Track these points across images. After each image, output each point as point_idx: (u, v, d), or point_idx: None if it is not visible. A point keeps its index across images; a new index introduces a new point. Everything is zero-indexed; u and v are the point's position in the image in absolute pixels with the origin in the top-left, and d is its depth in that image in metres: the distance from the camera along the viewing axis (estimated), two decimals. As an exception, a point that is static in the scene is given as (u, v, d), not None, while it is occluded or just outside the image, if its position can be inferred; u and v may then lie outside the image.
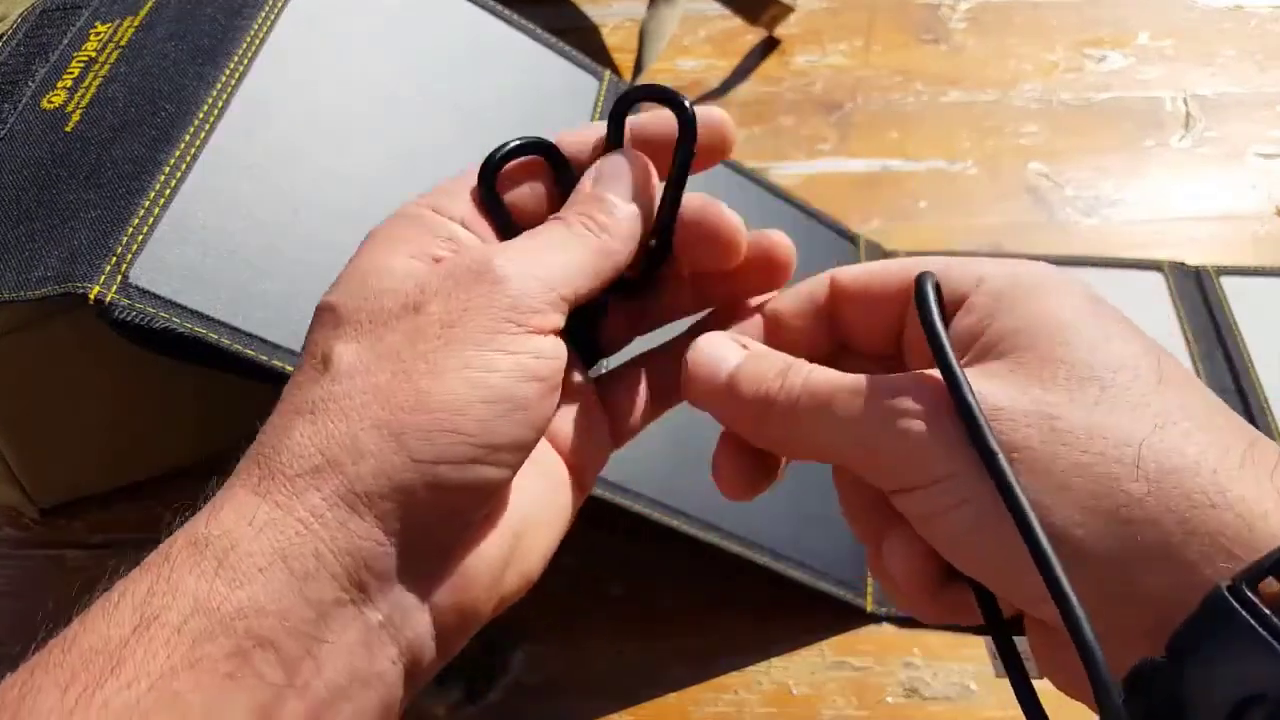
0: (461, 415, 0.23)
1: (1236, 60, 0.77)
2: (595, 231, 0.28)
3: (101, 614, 0.22)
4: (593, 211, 0.28)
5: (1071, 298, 0.25)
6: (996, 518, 0.22)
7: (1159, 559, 0.21)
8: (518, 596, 0.27)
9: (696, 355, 0.29)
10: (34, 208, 0.40)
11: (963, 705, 0.48)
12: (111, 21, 0.47)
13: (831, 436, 0.25)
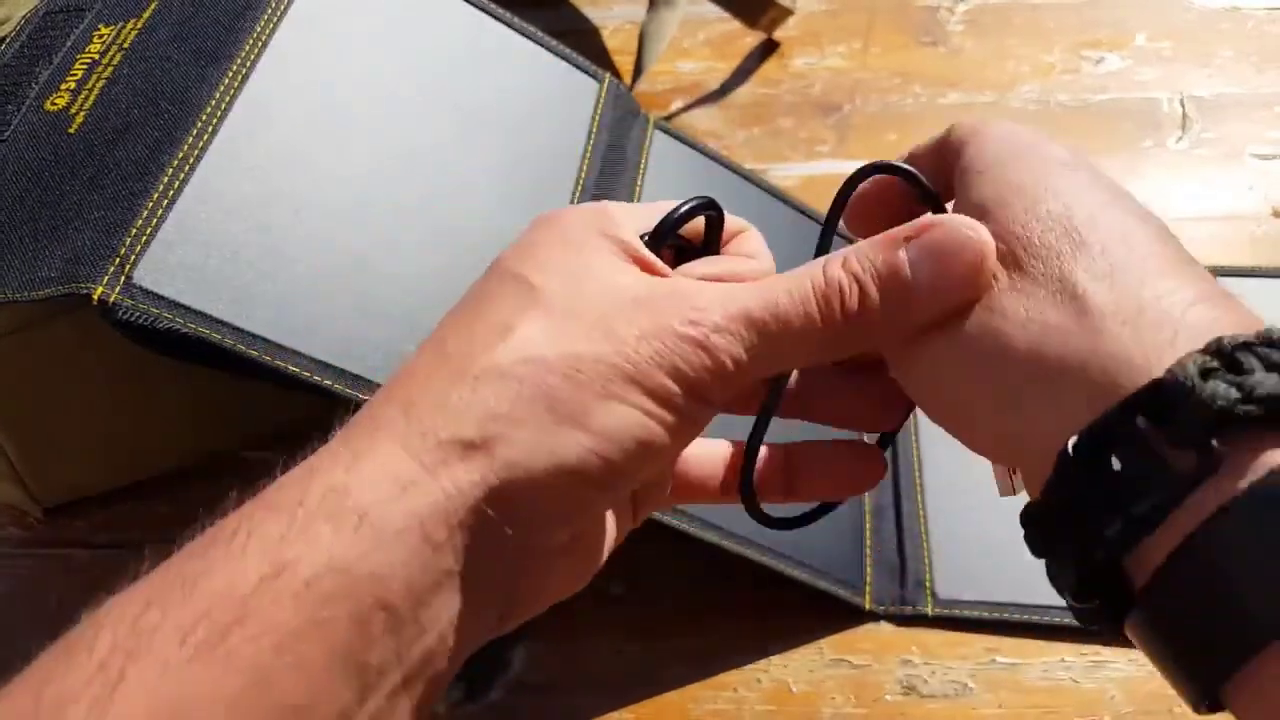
0: (614, 444, 0.24)
1: (1234, 61, 0.78)
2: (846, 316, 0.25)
3: (225, 553, 0.21)
4: (868, 284, 0.25)
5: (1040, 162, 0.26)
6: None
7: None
8: (571, 593, 0.29)
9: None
10: (38, 209, 0.41)
11: (961, 703, 0.48)
12: (115, 24, 0.48)
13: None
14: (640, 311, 0.25)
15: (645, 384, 0.24)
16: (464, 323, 0.26)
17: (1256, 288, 0.62)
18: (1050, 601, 0.51)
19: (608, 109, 0.59)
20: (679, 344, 0.24)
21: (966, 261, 0.25)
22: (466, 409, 0.23)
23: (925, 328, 0.26)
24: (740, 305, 0.25)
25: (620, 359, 0.24)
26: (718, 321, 0.25)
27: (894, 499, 0.55)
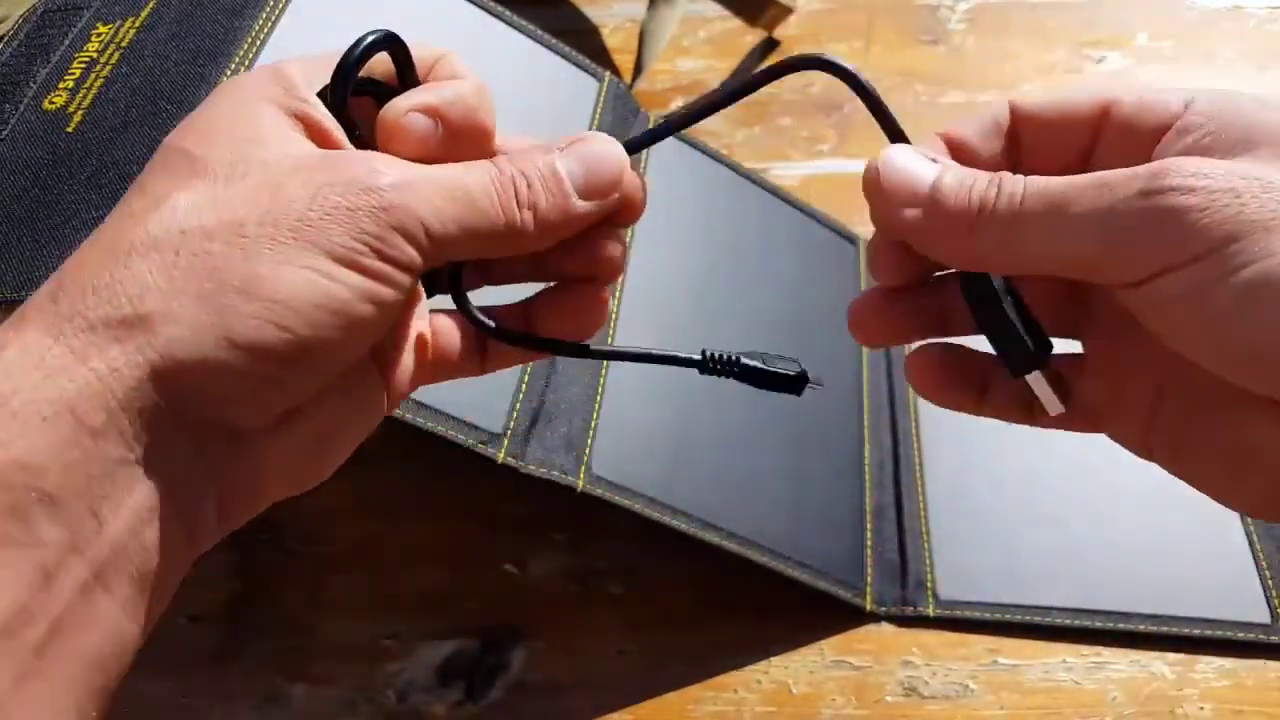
0: (291, 312, 0.22)
1: (1235, 61, 0.77)
2: (519, 207, 0.26)
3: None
4: (535, 183, 0.26)
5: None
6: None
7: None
8: (307, 486, 0.26)
9: (890, 165, 0.27)
10: (35, 208, 0.41)
11: (961, 704, 0.48)
12: (113, 23, 0.47)
13: (1066, 237, 0.24)
14: (315, 172, 0.23)
15: (323, 245, 0.22)
16: (122, 201, 0.24)
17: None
18: (1051, 603, 0.51)
19: (608, 108, 0.58)
20: (359, 199, 0.23)
21: (610, 167, 0.27)
22: (118, 286, 0.22)
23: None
24: (422, 172, 0.25)
25: (290, 218, 0.23)
26: (398, 179, 0.24)
27: (895, 499, 0.55)
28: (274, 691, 0.50)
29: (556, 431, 0.47)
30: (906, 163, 0.27)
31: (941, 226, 0.26)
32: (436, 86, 0.27)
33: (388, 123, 0.26)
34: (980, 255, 0.26)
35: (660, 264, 0.55)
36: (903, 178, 0.26)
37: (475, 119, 0.27)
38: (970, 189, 0.25)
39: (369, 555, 0.55)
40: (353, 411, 0.27)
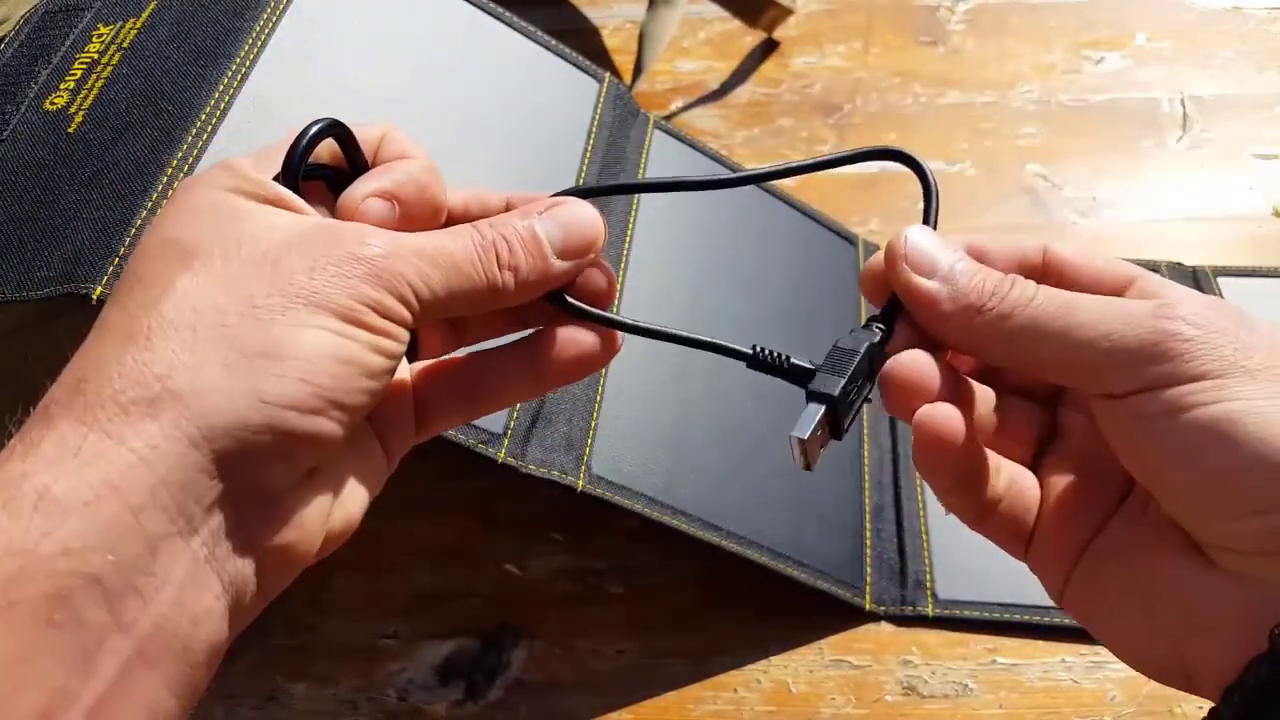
0: (314, 367, 0.23)
1: (1234, 61, 0.78)
2: (501, 267, 0.27)
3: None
4: (515, 245, 0.28)
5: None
6: (1260, 420, 0.24)
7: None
8: (339, 541, 0.27)
9: (914, 240, 0.28)
10: (36, 208, 0.41)
11: (961, 703, 0.48)
12: (114, 23, 0.48)
13: (1066, 337, 0.26)
14: (306, 244, 0.25)
15: (330, 307, 0.24)
16: (121, 294, 0.25)
17: (1256, 288, 0.62)
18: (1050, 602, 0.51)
19: (608, 109, 0.59)
20: (354, 267, 0.24)
21: (586, 230, 0.29)
22: (144, 368, 0.22)
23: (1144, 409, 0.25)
24: (408, 240, 0.26)
25: (296, 288, 0.24)
26: (388, 248, 0.25)
27: (894, 500, 0.55)
28: (275, 691, 0.51)
29: (557, 432, 0.48)
30: (931, 241, 0.29)
31: (951, 301, 0.27)
32: (389, 169, 0.28)
33: (347, 210, 0.27)
34: (981, 338, 0.27)
35: (660, 264, 0.55)
36: (924, 251, 0.28)
37: (428, 196, 0.29)
38: (985, 278, 0.28)
39: (370, 555, 0.55)
40: (362, 472, 0.28)
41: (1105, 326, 0.26)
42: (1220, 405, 0.24)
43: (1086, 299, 0.26)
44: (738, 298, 0.57)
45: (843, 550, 0.52)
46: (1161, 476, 0.26)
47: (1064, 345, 0.26)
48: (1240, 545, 0.24)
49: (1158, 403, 0.25)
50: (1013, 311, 0.27)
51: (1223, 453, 0.24)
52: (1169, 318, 0.25)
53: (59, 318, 0.47)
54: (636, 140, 0.59)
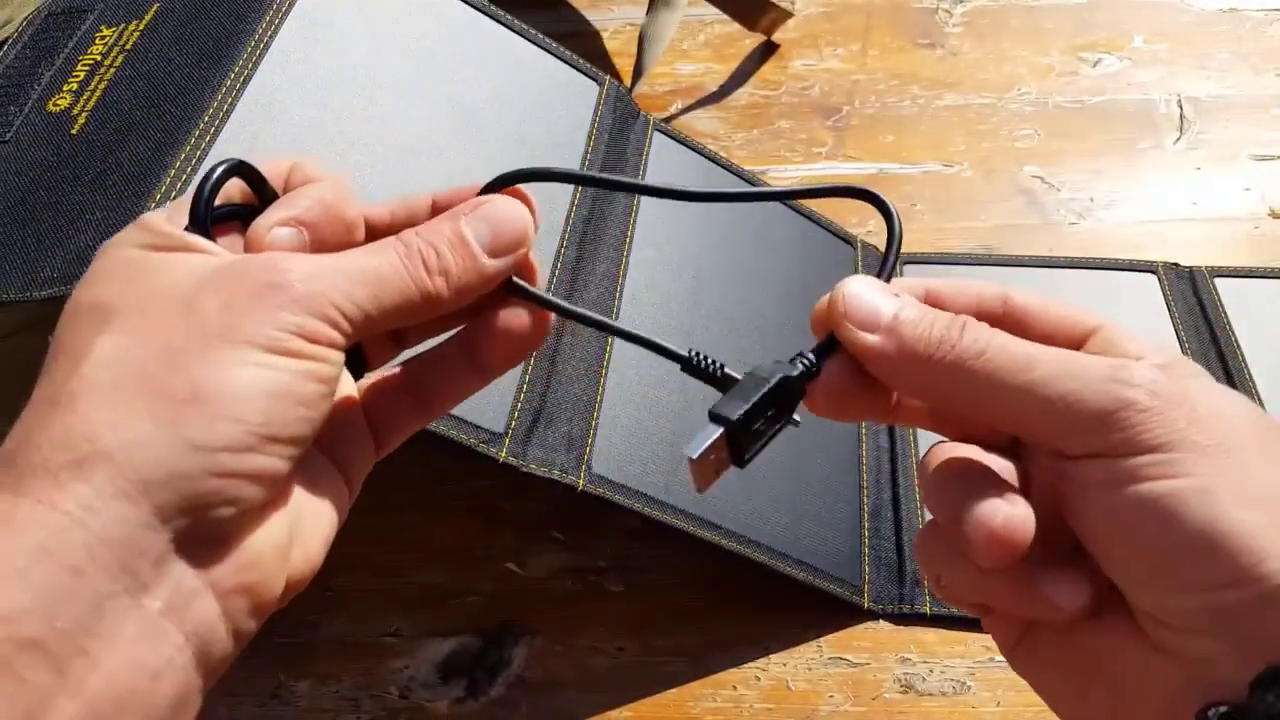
0: (242, 405, 0.23)
1: (1231, 63, 0.78)
2: (430, 273, 0.27)
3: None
4: (443, 249, 0.27)
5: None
6: (1204, 499, 0.23)
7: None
8: (304, 583, 0.27)
9: (852, 292, 0.28)
10: (40, 209, 0.41)
11: (959, 701, 0.48)
12: (117, 25, 0.48)
13: (1021, 393, 0.25)
14: (218, 282, 0.24)
15: (252, 340, 0.23)
16: (48, 366, 0.24)
17: (1253, 288, 0.63)
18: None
19: (607, 111, 0.59)
20: (270, 295, 0.24)
21: (514, 225, 0.28)
22: (70, 432, 0.22)
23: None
24: (327, 260, 0.26)
25: (214, 326, 0.24)
26: (305, 271, 0.25)
27: (892, 498, 0.55)
28: (278, 688, 0.51)
29: (557, 431, 0.48)
30: (867, 290, 0.28)
31: (898, 354, 0.27)
32: (293, 197, 0.28)
33: (254, 242, 0.27)
34: (930, 388, 0.27)
35: (659, 265, 0.56)
36: (865, 304, 0.27)
37: (335, 215, 0.28)
38: (932, 324, 0.27)
39: (372, 553, 0.56)
40: (318, 506, 0.27)
41: (1061, 386, 0.25)
42: (1166, 482, 0.24)
43: (1043, 353, 0.26)
44: (736, 299, 0.58)
45: (841, 549, 0.53)
46: (1103, 542, 0.25)
47: (1018, 400, 0.25)
48: (1173, 620, 0.24)
49: (1107, 471, 0.25)
50: (963, 361, 0.26)
51: (1163, 529, 0.24)
52: (1126, 384, 0.25)
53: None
54: (636, 142, 0.59)
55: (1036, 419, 0.25)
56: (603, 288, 0.53)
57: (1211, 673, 0.24)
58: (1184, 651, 0.24)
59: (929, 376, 0.26)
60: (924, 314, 0.27)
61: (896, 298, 0.28)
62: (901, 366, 0.27)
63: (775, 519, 0.51)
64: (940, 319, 0.27)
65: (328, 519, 0.28)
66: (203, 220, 0.27)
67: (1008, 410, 0.26)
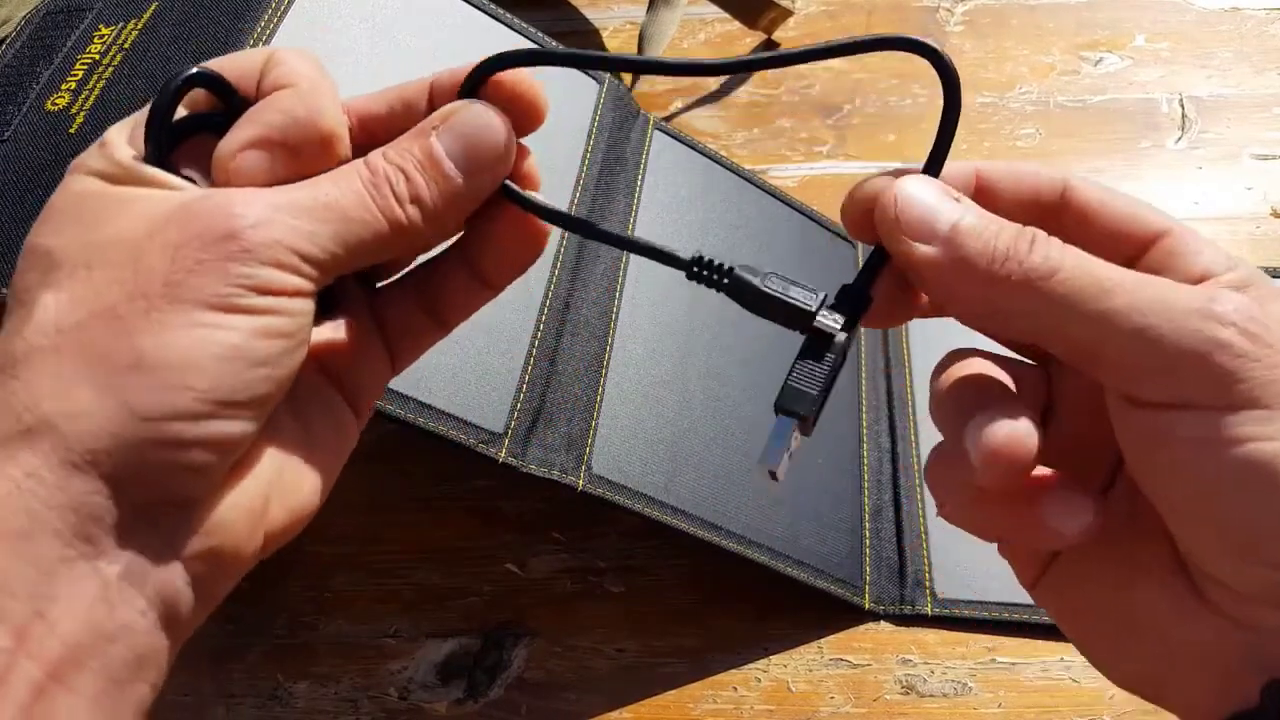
0: (191, 370, 0.22)
1: (1233, 62, 0.78)
2: (400, 202, 0.25)
3: None
4: (414, 173, 0.25)
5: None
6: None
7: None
8: (291, 533, 0.25)
9: (907, 195, 0.24)
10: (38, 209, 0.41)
11: (960, 702, 0.48)
12: (115, 24, 0.48)
13: (1096, 323, 0.22)
14: (166, 233, 0.23)
15: (198, 300, 0.22)
16: (4, 319, 0.23)
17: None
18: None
19: (607, 109, 0.59)
20: (220, 247, 0.22)
21: (491, 136, 0.25)
22: (12, 400, 0.21)
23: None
24: (286, 197, 0.24)
25: (157, 285, 0.22)
26: (258, 215, 0.23)
27: (893, 499, 0.55)
28: (276, 689, 0.51)
29: (557, 431, 0.48)
30: (928, 194, 0.24)
31: (959, 270, 0.24)
32: (261, 110, 0.25)
33: (220, 168, 0.25)
34: (992, 308, 0.24)
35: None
36: (921, 210, 0.24)
37: (313, 128, 0.25)
38: (997, 234, 0.23)
39: (370, 554, 0.55)
40: (308, 448, 0.26)
41: (1142, 318, 0.22)
42: (1263, 445, 0.21)
43: (1124, 277, 0.22)
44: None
45: (842, 549, 0.52)
46: (1177, 502, 0.23)
47: (1091, 331, 0.22)
48: (1246, 589, 0.22)
49: (1191, 425, 0.22)
50: (1030, 280, 0.23)
51: (1256, 499, 0.21)
52: (1220, 322, 0.21)
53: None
54: (636, 141, 0.59)
55: (1111, 355, 0.22)
56: (602, 287, 0.53)
57: (1273, 648, 0.22)
58: (1251, 621, 0.22)
59: (991, 296, 0.23)
60: (988, 224, 0.24)
61: (957, 202, 0.24)
62: (961, 283, 0.24)
63: (775, 520, 0.51)
64: (1007, 230, 0.23)
65: (321, 460, 0.26)
66: (158, 144, 0.24)
67: (1078, 342, 0.23)
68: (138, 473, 0.22)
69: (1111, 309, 0.22)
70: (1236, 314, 0.21)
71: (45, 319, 0.22)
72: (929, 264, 0.24)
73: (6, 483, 0.21)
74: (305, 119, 0.25)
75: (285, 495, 0.25)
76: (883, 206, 0.24)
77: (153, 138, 0.24)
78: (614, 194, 0.56)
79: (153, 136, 0.24)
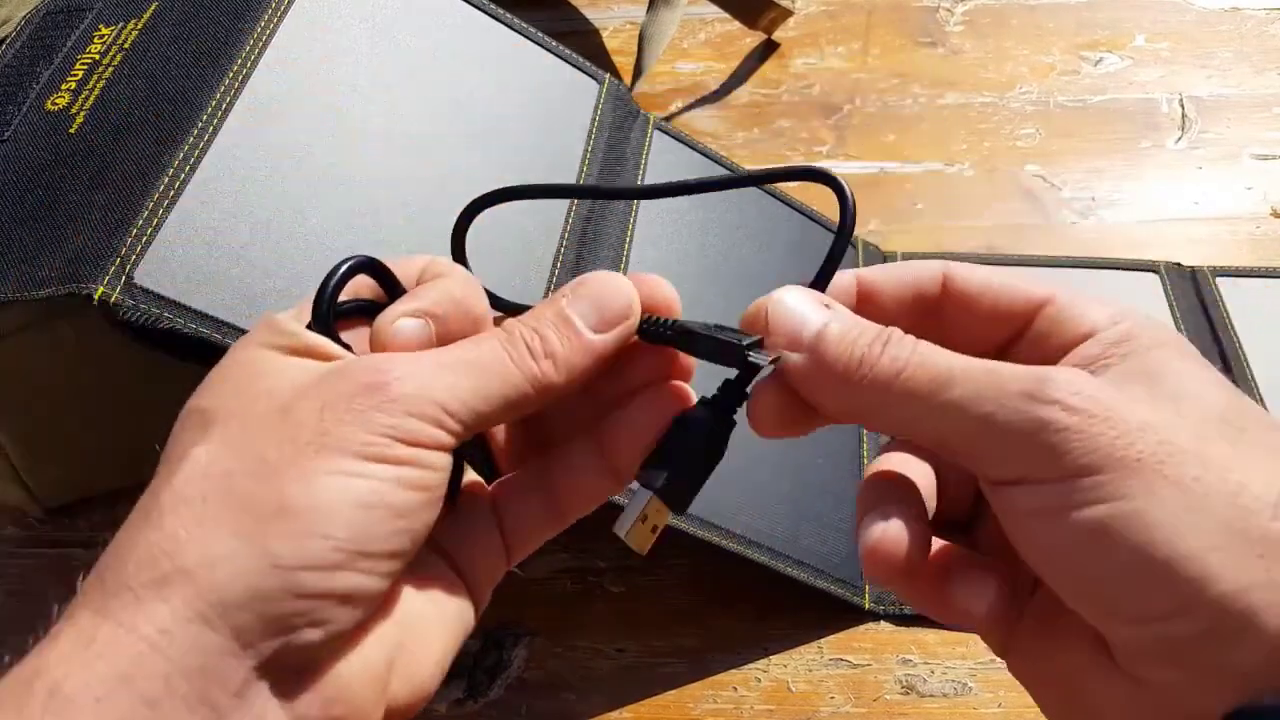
0: (330, 519, 0.22)
1: (1233, 62, 0.78)
2: (536, 358, 0.26)
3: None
4: (547, 332, 0.26)
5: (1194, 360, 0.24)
6: (1137, 524, 0.21)
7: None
8: (411, 711, 0.25)
9: (777, 307, 0.26)
10: (38, 209, 0.41)
11: (960, 702, 0.48)
12: (115, 24, 0.48)
13: (940, 415, 0.24)
14: (318, 387, 0.23)
15: (345, 447, 0.22)
16: (156, 475, 0.24)
17: (1254, 287, 0.62)
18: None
19: (607, 110, 0.59)
20: (367, 397, 0.23)
21: (617, 297, 0.27)
22: (154, 548, 0.21)
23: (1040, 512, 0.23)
24: (427, 355, 0.25)
25: (306, 434, 0.22)
26: (404, 369, 0.24)
27: (893, 499, 0.55)
28: (275, 690, 0.51)
29: (557, 431, 0.48)
30: (797, 304, 0.26)
31: (820, 375, 0.25)
32: (422, 290, 0.27)
33: (379, 333, 0.26)
34: (854, 410, 0.25)
35: (659, 266, 0.55)
36: (790, 320, 0.26)
37: (465, 309, 0.27)
38: (854, 341, 0.25)
39: (370, 554, 0.55)
40: (431, 622, 0.26)
41: (980, 406, 0.23)
42: (1092, 509, 0.22)
43: (963, 369, 0.24)
44: (737, 299, 0.57)
45: (842, 549, 0.52)
46: (1043, 571, 0.24)
47: (936, 424, 0.24)
48: (1130, 651, 0.23)
49: (1033, 498, 0.23)
50: (880, 381, 0.24)
51: (1097, 560, 0.22)
52: (1044, 401, 0.22)
53: (62, 318, 0.47)
54: (636, 141, 0.59)
55: (958, 443, 0.24)
56: (603, 287, 0.53)
57: (1182, 703, 0.22)
58: (1150, 680, 0.23)
59: (849, 399, 0.25)
60: (849, 328, 0.25)
61: (827, 309, 0.26)
62: (824, 389, 0.25)
63: (776, 519, 0.51)
64: (865, 334, 0.25)
65: (442, 638, 0.26)
66: (325, 316, 0.26)
67: (929, 434, 0.24)
68: (266, 626, 0.21)
69: (950, 401, 0.23)
70: (1061, 390, 0.22)
71: (193, 469, 0.23)
72: (796, 372, 0.26)
73: (140, 643, 0.21)
74: (461, 299, 0.27)
75: (408, 666, 0.25)
76: (756, 315, 0.27)
77: (320, 310, 0.26)
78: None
79: (320, 308, 0.26)
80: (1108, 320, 0.25)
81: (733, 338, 0.27)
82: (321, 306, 0.26)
